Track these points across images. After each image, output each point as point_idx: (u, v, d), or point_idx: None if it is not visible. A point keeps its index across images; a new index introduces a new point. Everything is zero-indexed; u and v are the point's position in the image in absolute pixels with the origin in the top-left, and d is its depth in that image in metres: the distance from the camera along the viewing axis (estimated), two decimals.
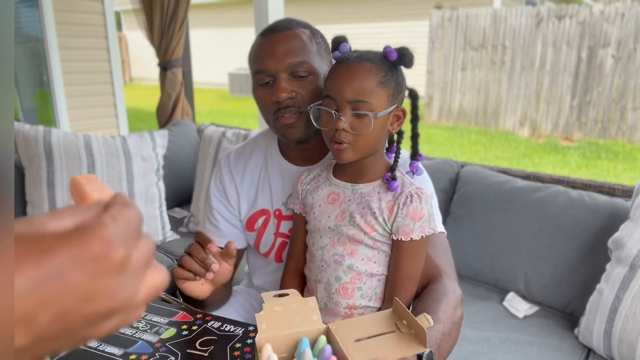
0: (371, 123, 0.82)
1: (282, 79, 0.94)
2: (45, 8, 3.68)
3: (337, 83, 0.84)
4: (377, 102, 0.82)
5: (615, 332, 1.28)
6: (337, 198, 0.91)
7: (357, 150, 0.85)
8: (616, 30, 6.25)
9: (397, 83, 0.85)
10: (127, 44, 14.01)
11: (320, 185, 0.94)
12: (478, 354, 1.36)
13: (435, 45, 7.80)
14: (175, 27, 2.77)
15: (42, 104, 4.05)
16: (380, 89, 0.82)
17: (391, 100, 0.84)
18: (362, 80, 0.82)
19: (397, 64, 0.85)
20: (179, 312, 0.97)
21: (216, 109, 9.56)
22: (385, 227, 0.87)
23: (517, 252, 1.67)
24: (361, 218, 0.87)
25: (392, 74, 0.84)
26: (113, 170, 1.99)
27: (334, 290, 0.90)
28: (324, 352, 0.73)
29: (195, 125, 2.71)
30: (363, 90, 0.82)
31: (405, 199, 0.85)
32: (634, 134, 6.39)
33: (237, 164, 1.13)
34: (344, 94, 0.82)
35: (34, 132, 1.91)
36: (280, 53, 0.94)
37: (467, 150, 6.21)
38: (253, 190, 1.11)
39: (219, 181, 1.14)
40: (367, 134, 0.83)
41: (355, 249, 0.88)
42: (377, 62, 0.83)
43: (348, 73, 0.83)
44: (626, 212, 1.46)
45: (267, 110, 0.99)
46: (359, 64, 0.83)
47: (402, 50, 0.84)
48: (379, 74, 0.82)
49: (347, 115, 0.82)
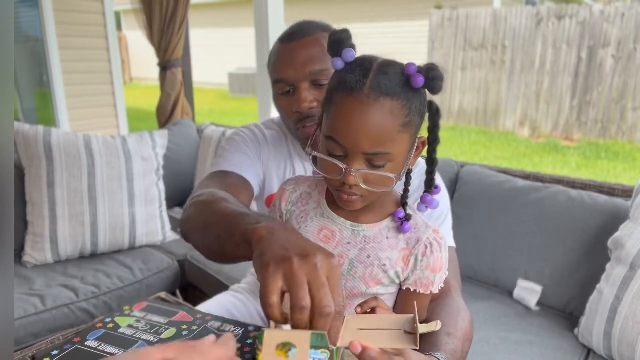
0: (392, 183, 0.65)
1: (302, 88, 0.91)
2: (45, 8, 3.68)
3: (347, 127, 0.62)
4: (399, 150, 0.64)
5: (615, 332, 1.28)
6: (332, 237, 0.73)
7: (370, 201, 0.69)
8: (616, 30, 6.25)
9: (422, 114, 0.66)
10: (127, 44, 14.01)
11: (310, 214, 0.75)
12: (478, 354, 1.36)
13: (435, 45, 7.80)
14: (175, 27, 2.77)
15: (42, 104, 4.05)
16: (403, 133, 0.63)
17: (413, 140, 0.67)
18: (383, 126, 0.62)
19: (422, 89, 0.65)
20: (179, 312, 0.97)
21: (216, 109, 9.56)
22: (396, 280, 0.73)
23: (517, 252, 1.67)
24: (365, 269, 0.71)
25: (416, 104, 0.64)
26: (113, 170, 1.99)
27: None
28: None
29: (195, 125, 2.71)
30: (383, 140, 0.62)
31: (425, 249, 0.70)
32: (634, 134, 6.39)
33: (272, 135, 1.08)
34: (357, 144, 0.63)
35: (34, 132, 1.91)
36: (300, 62, 0.90)
37: (467, 150, 6.21)
38: (282, 166, 1.06)
39: (256, 139, 1.05)
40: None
41: (349, 303, 0.73)
42: (399, 96, 0.62)
43: (362, 114, 0.61)
44: (626, 212, 1.46)
45: (289, 119, 0.96)
46: (378, 101, 0.61)
47: (429, 73, 0.62)
48: (403, 114, 0.62)
49: (360, 170, 0.64)
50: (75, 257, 1.96)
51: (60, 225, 1.89)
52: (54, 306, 1.66)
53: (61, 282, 1.79)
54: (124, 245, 2.02)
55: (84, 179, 1.93)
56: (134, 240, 2.04)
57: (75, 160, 1.93)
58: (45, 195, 1.89)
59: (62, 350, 0.84)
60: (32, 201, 1.91)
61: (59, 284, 1.77)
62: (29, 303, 1.64)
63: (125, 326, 0.92)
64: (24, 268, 1.87)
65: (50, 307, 1.66)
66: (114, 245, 2.00)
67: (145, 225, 2.05)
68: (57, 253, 1.90)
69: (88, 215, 1.93)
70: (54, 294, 1.70)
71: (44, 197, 1.89)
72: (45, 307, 1.65)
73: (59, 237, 1.89)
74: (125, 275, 1.87)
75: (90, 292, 1.75)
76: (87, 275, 1.84)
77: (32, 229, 1.90)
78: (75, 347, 0.86)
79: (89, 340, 0.88)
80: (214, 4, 12.91)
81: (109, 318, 0.95)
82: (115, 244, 2.00)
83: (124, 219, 1.99)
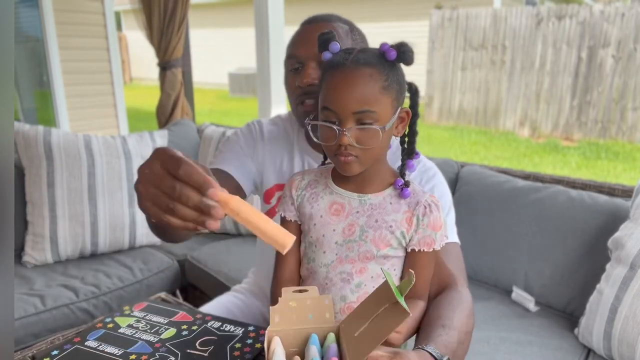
0: (379, 136, 0.75)
1: (309, 66, 0.96)
2: (45, 8, 3.68)
3: (337, 93, 0.76)
4: (382, 109, 0.76)
5: (615, 332, 1.28)
6: (342, 209, 0.83)
7: (365, 162, 0.79)
8: (616, 30, 6.25)
9: (399, 84, 0.78)
10: (127, 44, 14.01)
11: (320, 194, 0.86)
12: (478, 354, 1.36)
13: (435, 45, 7.80)
14: (175, 27, 2.77)
15: (42, 104, 4.05)
16: (384, 95, 0.75)
17: (395, 105, 0.78)
18: (365, 88, 0.74)
19: (396, 62, 0.77)
20: (179, 312, 0.97)
21: (216, 109, 9.56)
22: (402, 240, 0.82)
23: (517, 252, 1.67)
24: (374, 232, 0.81)
25: (394, 74, 0.77)
26: (113, 171, 1.99)
27: (338, 309, 0.83)
28: (329, 351, 0.73)
29: (195, 125, 2.71)
30: (367, 99, 0.74)
31: (425, 209, 0.80)
32: (634, 134, 6.39)
33: (271, 131, 1.11)
34: (346, 106, 0.75)
35: (34, 132, 1.91)
36: (311, 41, 0.93)
37: (467, 150, 6.21)
38: (278, 161, 1.09)
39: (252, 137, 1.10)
40: (377, 146, 0.77)
41: (364, 266, 0.82)
42: (377, 65, 0.75)
43: (347, 81, 0.75)
44: (626, 212, 1.46)
45: (292, 94, 1.01)
46: (358, 69, 0.75)
47: (401, 47, 0.76)
48: (381, 79, 0.75)
49: (352, 129, 0.75)
50: (75, 257, 1.96)
51: (60, 225, 1.89)
52: (54, 306, 1.66)
53: (61, 282, 1.79)
54: (124, 245, 2.03)
55: (84, 179, 1.93)
56: (134, 240, 2.04)
57: (75, 160, 1.93)
58: (45, 195, 1.89)
59: (62, 350, 0.84)
60: (32, 201, 1.91)
61: (59, 284, 1.77)
62: (29, 303, 1.64)
63: (125, 326, 0.92)
64: (24, 268, 1.87)
65: (50, 307, 1.66)
66: (114, 245, 2.00)
67: (145, 225, 2.05)
68: (57, 253, 1.90)
69: (88, 215, 1.93)
70: (54, 294, 1.70)
71: (44, 197, 1.89)
72: (45, 307, 1.65)
73: (59, 237, 1.89)
74: (125, 275, 1.87)
75: (90, 292, 1.75)
76: (87, 275, 1.84)
77: (32, 229, 1.90)
78: (75, 347, 0.86)
79: (89, 340, 0.88)
80: (214, 4, 12.91)
81: (109, 318, 0.95)
82: (115, 244, 2.00)
83: (124, 219, 1.99)
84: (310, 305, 0.78)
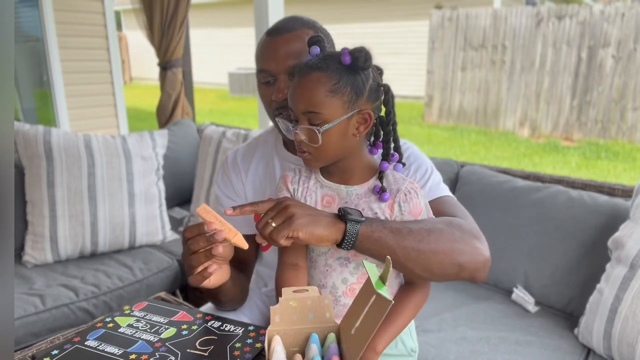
0: (318, 136, 0.81)
1: (281, 79, 0.98)
2: (45, 8, 3.68)
3: (292, 95, 0.84)
4: (329, 112, 0.81)
5: (615, 332, 1.28)
6: (332, 201, 0.90)
7: (320, 159, 0.86)
8: (616, 30, 6.25)
9: (355, 87, 0.81)
10: (127, 44, 14.01)
11: (312, 188, 0.92)
12: (478, 354, 1.36)
13: (435, 45, 7.80)
14: (175, 27, 2.77)
15: (42, 103, 4.05)
16: (331, 98, 0.81)
17: (347, 107, 0.82)
18: (311, 91, 0.81)
19: (352, 67, 0.81)
20: (179, 312, 0.97)
21: (216, 109, 9.56)
22: None
23: (517, 252, 1.67)
24: None
25: (348, 79, 0.81)
26: (113, 170, 1.99)
27: (341, 292, 0.88)
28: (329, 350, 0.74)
29: (195, 125, 2.71)
30: (312, 101, 0.81)
31: (405, 196, 0.86)
32: (634, 134, 6.39)
33: (244, 159, 1.15)
34: (297, 106, 0.83)
35: (34, 132, 1.91)
36: (281, 55, 0.97)
37: (467, 150, 6.21)
38: (258, 182, 1.13)
39: (226, 175, 1.16)
40: (324, 145, 0.82)
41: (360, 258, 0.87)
42: (328, 70, 0.81)
43: (299, 84, 0.83)
44: (626, 212, 1.46)
45: (268, 107, 1.04)
46: (309, 74, 0.82)
47: (354, 53, 0.80)
48: (329, 83, 0.80)
49: (303, 128, 0.83)
50: (75, 257, 1.96)
51: (60, 225, 1.89)
52: (53, 306, 1.66)
53: (61, 281, 1.79)
54: (124, 245, 2.03)
55: (84, 178, 1.93)
56: (134, 240, 2.04)
57: (75, 160, 1.93)
58: (45, 195, 1.89)
59: (62, 350, 0.84)
60: (32, 201, 1.91)
61: (59, 284, 1.77)
62: (29, 303, 1.64)
63: (125, 326, 0.92)
64: (24, 268, 1.87)
65: (50, 306, 1.66)
66: (114, 245, 2.00)
67: (145, 225, 2.05)
68: (57, 253, 1.90)
69: (88, 215, 1.93)
70: (53, 294, 1.70)
71: (44, 197, 1.89)
72: (45, 307, 1.65)
73: (59, 236, 1.89)
74: (125, 275, 1.87)
75: (90, 291, 1.75)
76: (87, 275, 1.84)
77: (32, 228, 1.90)
78: (75, 346, 0.86)
79: (89, 340, 0.88)
80: (214, 4, 12.90)
81: (109, 318, 0.95)
82: (115, 243, 2.00)
83: (124, 218, 1.99)
84: (310, 305, 0.78)
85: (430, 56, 7.87)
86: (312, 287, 0.80)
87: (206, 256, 0.81)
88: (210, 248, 0.80)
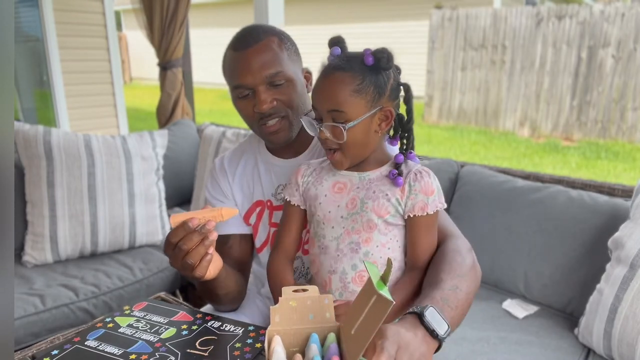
0: (343, 133, 0.84)
1: (261, 91, 0.98)
2: (45, 8, 3.68)
3: (317, 94, 0.88)
4: (353, 110, 0.84)
5: (615, 332, 1.28)
6: (344, 187, 0.93)
7: (348, 155, 0.89)
8: (616, 30, 6.25)
9: (378, 86, 0.85)
10: (127, 44, 14.00)
11: (324, 177, 0.95)
12: (478, 354, 1.36)
13: (435, 45, 7.80)
14: (175, 27, 2.77)
15: (42, 103, 4.05)
16: (354, 97, 0.84)
17: (370, 106, 0.86)
18: (335, 91, 0.84)
19: (374, 67, 0.85)
20: (178, 312, 0.97)
21: (216, 109, 9.56)
22: (399, 207, 0.89)
23: (517, 252, 1.67)
24: (373, 202, 0.89)
25: (371, 79, 0.85)
26: (113, 170, 1.99)
27: (350, 279, 0.90)
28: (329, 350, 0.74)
29: (195, 125, 2.71)
30: (337, 100, 0.84)
31: (415, 176, 0.88)
32: (634, 134, 6.39)
33: (231, 163, 1.17)
34: (322, 105, 0.87)
35: (34, 132, 1.91)
36: (255, 67, 0.97)
37: (467, 150, 6.21)
38: (245, 184, 1.15)
39: (215, 180, 1.18)
40: (351, 142, 0.86)
41: (369, 236, 0.90)
42: (352, 70, 0.84)
43: (324, 84, 0.86)
44: (626, 212, 1.46)
45: (250, 119, 1.03)
46: (333, 74, 0.85)
47: (377, 54, 0.84)
48: (353, 83, 0.84)
49: (327, 125, 0.86)
50: (75, 257, 1.96)
51: (60, 225, 1.89)
52: (53, 306, 1.66)
53: (61, 281, 1.79)
54: (123, 245, 2.03)
55: (84, 178, 1.93)
56: (133, 240, 2.04)
57: (75, 160, 1.93)
58: (45, 195, 1.89)
59: (62, 350, 0.85)
60: (32, 201, 1.91)
61: (59, 284, 1.77)
62: (28, 303, 1.64)
63: (125, 326, 0.92)
64: (24, 268, 1.87)
65: (50, 306, 1.66)
66: (114, 244, 2.00)
67: (145, 225, 2.05)
68: (57, 253, 1.90)
69: (88, 215, 1.93)
70: (53, 294, 1.70)
71: (44, 197, 1.89)
72: (45, 307, 1.65)
73: (58, 236, 1.89)
74: (125, 275, 1.87)
75: (90, 291, 1.75)
76: (87, 275, 1.84)
77: (32, 228, 1.90)
78: (75, 346, 0.86)
79: (89, 340, 0.88)
80: (214, 4, 12.90)
81: (109, 318, 0.95)
82: (115, 243, 2.00)
83: (123, 218, 1.99)
84: (310, 305, 0.78)
85: (430, 56, 7.86)
86: (312, 286, 0.80)
87: (205, 246, 0.84)
88: (205, 238, 0.84)
